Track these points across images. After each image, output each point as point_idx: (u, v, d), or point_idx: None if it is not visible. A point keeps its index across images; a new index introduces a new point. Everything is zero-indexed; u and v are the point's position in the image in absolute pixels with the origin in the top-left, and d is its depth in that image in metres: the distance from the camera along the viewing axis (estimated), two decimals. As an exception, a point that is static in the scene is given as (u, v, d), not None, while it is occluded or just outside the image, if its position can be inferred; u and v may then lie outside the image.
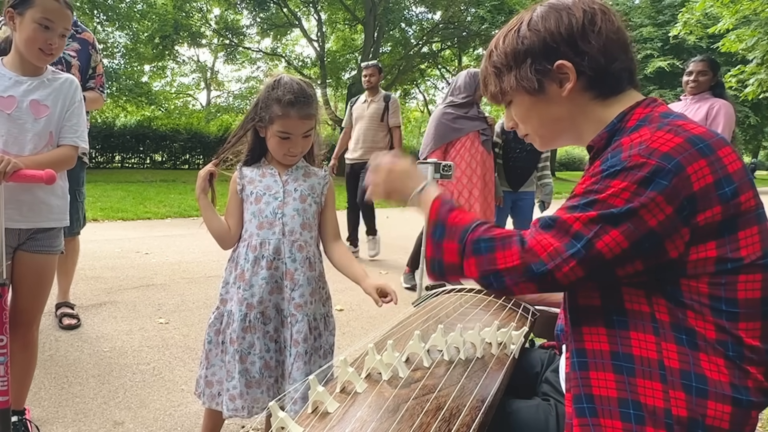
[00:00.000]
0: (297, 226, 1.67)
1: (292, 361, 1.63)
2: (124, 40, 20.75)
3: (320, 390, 0.99)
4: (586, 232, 0.89)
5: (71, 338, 2.95)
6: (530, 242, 0.93)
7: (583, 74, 1.00)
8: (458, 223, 1.03)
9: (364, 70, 5.38)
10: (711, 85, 3.88)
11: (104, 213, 7.46)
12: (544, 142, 1.13)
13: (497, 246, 0.95)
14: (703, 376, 0.89)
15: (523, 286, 0.93)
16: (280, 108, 1.59)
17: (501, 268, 0.94)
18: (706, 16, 9.47)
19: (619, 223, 0.88)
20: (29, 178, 1.62)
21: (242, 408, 1.62)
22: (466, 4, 20.28)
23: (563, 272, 0.89)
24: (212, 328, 1.70)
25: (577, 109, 1.04)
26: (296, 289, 1.65)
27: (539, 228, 0.94)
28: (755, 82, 8.88)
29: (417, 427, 0.93)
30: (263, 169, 1.72)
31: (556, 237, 0.91)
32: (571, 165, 36.15)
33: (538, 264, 0.91)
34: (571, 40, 0.99)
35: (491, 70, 1.09)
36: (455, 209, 1.06)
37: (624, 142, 0.93)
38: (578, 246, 0.89)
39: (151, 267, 4.64)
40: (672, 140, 0.88)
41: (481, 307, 1.60)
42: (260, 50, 25.22)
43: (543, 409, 1.14)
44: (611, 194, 0.88)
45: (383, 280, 1.67)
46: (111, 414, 2.20)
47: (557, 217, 0.93)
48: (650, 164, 0.87)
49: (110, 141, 17.74)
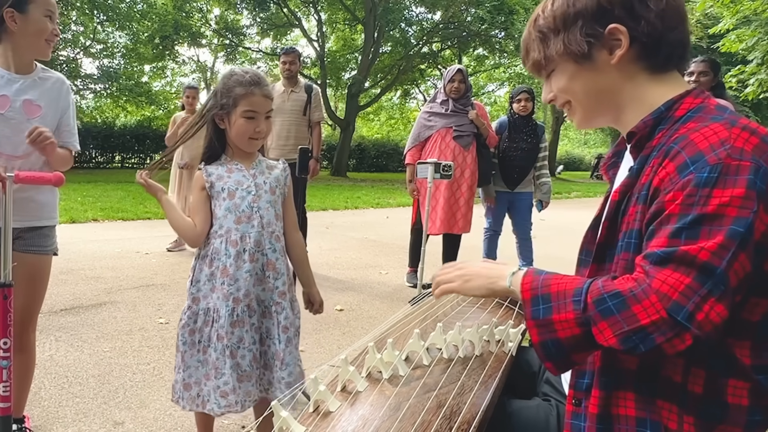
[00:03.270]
0: (272, 218, 1.72)
1: (283, 347, 1.68)
2: (124, 40, 20.76)
3: (322, 389, 0.99)
4: (717, 262, 0.76)
5: (71, 338, 2.95)
6: (654, 284, 0.78)
7: (637, 41, 0.93)
8: (566, 289, 0.86)
9: (283, 56, 4.70)
10: (712, 86, 3.88)
11: (104, 213, 7.46)
12: (584, 117, 1.03)
13: (629, 299, 0.79)
14: (725, 402, 0.86)
15: (678, 341, 0.77)
16: (244, 88, 1.63)
17: (646, 323, 0.77)
18: (706, 16, 9.48)
19: (747, 244, 0.77)
20: (38, 179, 1.61)
21: (236, 403, 1.63)
22: (466, 5, 20.28)
23: (705, 313, 0.75)
24: (185, 329, 1.68)
25: (624, 80, 0.96)
26: (279, 278, 1.71)
27: (654, 265, 0.80)
28: (755, 82, 8.88)
29: (419, 425, 0.93)
30: (228, 165, 1.73)
31: (680, 271, 0.77)
32: (571, 165, 36.18)
33: (674, 307, 0.76)
34: (627, 2, 0.92)
35: (536, 35, 1.01)
36: (553, 275, 0.90)
37: (695, 140, 0.83)
38: (713, 280, 0.76)
39: (151, 267, 4.64)
40: (750, 139, 0.81)
41: (479, 306, 1.60)
42: (260, 50, 25.23)
43: (543, 409, 1.13)
44: (721, 204, 0.77)
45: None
46: (111, 414, 2.20)
47: (671, 249, 0.79)
48: (746, 166, 0.78)
49: (110, 141, 17.75)
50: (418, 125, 4.31)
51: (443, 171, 3.67)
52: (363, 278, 4.69)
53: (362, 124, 32.33)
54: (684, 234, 0.78)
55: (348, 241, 6.49)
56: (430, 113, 4.26)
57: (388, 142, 25.64)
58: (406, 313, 1.58)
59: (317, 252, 5.55)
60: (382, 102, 28.16)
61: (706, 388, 0.85)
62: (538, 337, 0.87)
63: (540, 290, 0.88)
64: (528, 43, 1.04)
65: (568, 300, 0.85)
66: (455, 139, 4.14)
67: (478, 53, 24.70)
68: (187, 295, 1.71)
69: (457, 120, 4.16)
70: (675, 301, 0.76)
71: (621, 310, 0.79)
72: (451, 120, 4.16)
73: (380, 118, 33.09)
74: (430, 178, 3.66)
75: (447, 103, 4.20)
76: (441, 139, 4.17)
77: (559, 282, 0.88)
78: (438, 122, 4.18)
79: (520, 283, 0.92)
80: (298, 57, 4.76)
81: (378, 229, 7.63)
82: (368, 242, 6.52)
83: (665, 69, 0.96)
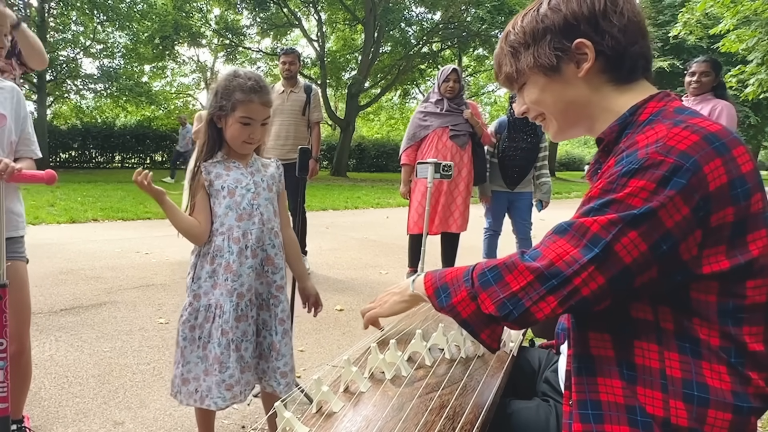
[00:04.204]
0: (271, 215, 1.76)
1: (279, 338, 1.75)
2: (124, 40, 20.77)
3: (325, 390, 0.99)
4: (604, 234, 0.85)
5: (71, 338, 2.94)
6: (543, 251, 0.89)
7: (602, 55, 0.98)
8: (458, 274, 0.99)
9: (283, 56, 4.69)
10: (713, 86, 3.87)
11: (104, 213, 7.46)
12: (559, 129, 1.09)
13: (503, 271, 0.91)
14: (704, 384, 0.88)
15: (543, 304, 0.88)
16: (244, 94, 1.65)
17: (515, 289, 0.89)
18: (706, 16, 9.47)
19: (639, 225, 0.84)
20: (30, 178, 1.60)
21: (240, 393, 1.68)
22: (466, 5, 20.30)
23: (582, 278, 0.85)
24: (186, 325, 1.70)
25: (591, 92, 1.02)
26: (277, 273, 1.76)
27: (553, 234, 0.91)
28: (755, 82, 8.88)
29: (422, 425, 0.92)
30: (226, 163, 1.74)
31: (572, 242, 0.87)
32: (571, 165, 36.20)
33: (553, 271, 0.86)
34: (592, 19, 0.97)
35: (507, 50, 1.07)
36: (448, 269, 1.03)
37: (639, 140, 0.90)
38: (596, 250, 0.85)
39: (151, 267, 4.64)
40: (688, 138, 0.86)
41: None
42: (260, 50, 25.24)
43: (543, 409, 1.13)
44: (629, 194, 0.85)
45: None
46: (111, 414, 2.19)
47: (573, 221, 0.89)
48: (668, 162, 0.84)
49: (110, 141, 17.77)
50: (413, 125, 4.30)
51: (443, 171, 3.67)
52: (363, 278, 4.69)
53: (362, 124, 32.36)
54: (592, 212, 0.88)
55: (348, 241, 6.49)
56: (425, 113, 4.25)
57: (388, 142, 25.66)
58: (407, 313, 1.58)
59: (317, 252, 5.54)
60: (382, 102, 28.17)
61: (683, 371, 0.88)
62: (455, 319, 0.99)
63: (438, 282, 1.02)
64: (500, 58, 1.10)
65: (460, 282, 0.97)
66: (452, 139, 4.16)
67: (478, 53, 24.71)
68: (187, 292, 1.73)
69: (452, 119, 4.17)
70: (556, 266, 0.86)
71: (497, 280, 0.91)
72: (446, 119, 4.17)
73: (380, 118, 33.12)
74: (430, 178, 3.66)
75: (442, 103, 4.20)
76: (438, 139, 4.17)
77: (453, 271, 1.01)
78: (434, 122, 4.18)
79: (422, 284, 1.06)
80: (297, 57, 4.75)
81: (378, 229, 7.63)
82: (368, 242, 6.52)
83: (630, 80, 1.01)
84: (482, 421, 0.97)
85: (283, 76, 4.69)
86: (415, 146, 4.25)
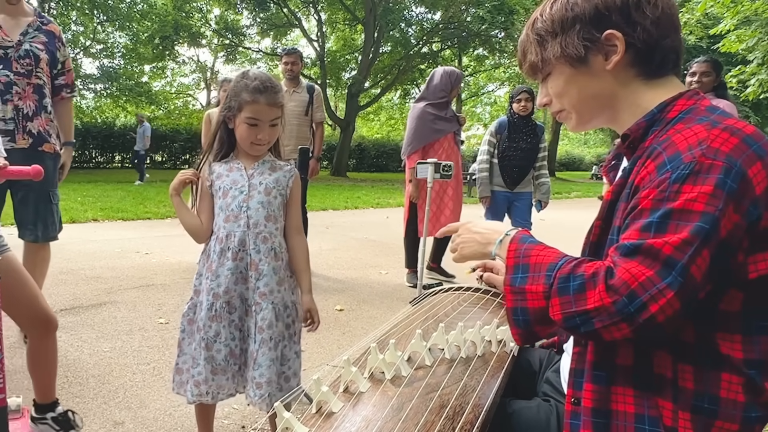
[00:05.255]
0: (261, 219, 1.71)
1: (257, 348, 1.68)
2: (124, 41, 20.78)
3: (324, 390, 0.99)
4: (679, 256, 0.79)
5: (71, 338, 2.94)
6: (618, 273, 0.82)
7: (632, 47, 0.95)
8: (543, 262, 0.91)
9: (285, 56, 4.66)
10: (714, 86, 3.87)
11: (104, 213, 7.45)
12: (579, 121, 1.05)
13: (587, 283, 0.84)
14: (716, 397, 0.86)
15: (615, 329, 0.81)
16: (249, 94, 1.65)
17: (590, 308, 0.82)
18: (706, 16, 9.47)
19: (710, 240, 0.79)
20: (16, 173, 1.59)
21: (206, 393, 1.68)
22: (466, 5, 20.30)
23: (660, 305, 0.79)
24: (185, 318, 1.76)
25: (619, 86, 0.98)
26: (261, 279, 1.70)
27: (622, 256, 0.83)
28: (756, 82, 8.88)
29: (422, 425, 0.92)
30: (230, 163, 1.75)
31: (644, 264, 0.81)
32: (571, 165, 36.18)
33: (629, 296, 0.80)
34: (624, 9, 0.94)
35: (533, 38, 1.03)
36: (535, 246, 0.95)
37: (677, 141, 0.86)
38: (673, 274, 0.79)
39: (151, 267, 4.64)
40: (730, 140, 0.82)
41: (480, 306, 1.60)
42: (260, 50, 25.24)
43: (544, 409, 1.13)
44: (687, 200, 0.80)
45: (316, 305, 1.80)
46: (111, 414, 2.19)
47: (639, 242, 0.82)
48: (718, 165, 0.80)
49: (110, 141, 17.76)
50: (423, 126, 4.27)
51: (443, 171, 3.68)
52: (363, 278, 4.69)
53: (362, 124, 32.36)
54: (653, 228, 0.82)
55: (348, 241, 6.49)
56: (436, 117, 4.27)
57: (388, 142, 25.67)
58: (407, 313, 1.58)
59: (317, 252, 5.54)
60: (382, 102, 28.19)
61: (696, 383, 0.87)
62: (512, 303, 0.93)
63: (521, 259, 0.94)
64: (525, 45, 1.05)
65: (541, 273, 0.90)
66: (456, 144, 4.38)
67: (478, 53, 24.71)
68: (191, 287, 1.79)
69: (454, 125, 4.36)
70: (633, 290, 0.80)
71: (576, 291, 0.84)
72: (452, 125, 4.34)
73: (380, 118, 33.13)
74: (430, 178, 3.66)
75: (446, 108, 4.31)
76: (449, 145, 4.31)
77: (539, 254, 0.93)
78: (444, 126, 4.29)
79: (506, 248, 0.99)
80: (299, 57, 4.74)
81: (378, 229, 7.63)
82: (368, 242, 6.52)
83: (659, 74, 0.98)
84: (482, 421, 0.97)
85: (286, 76, 4.69)
86: (424, 148, 4.28)
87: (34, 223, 2.74)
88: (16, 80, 2.61)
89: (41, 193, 2.71)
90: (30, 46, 2.65)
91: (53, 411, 1.92)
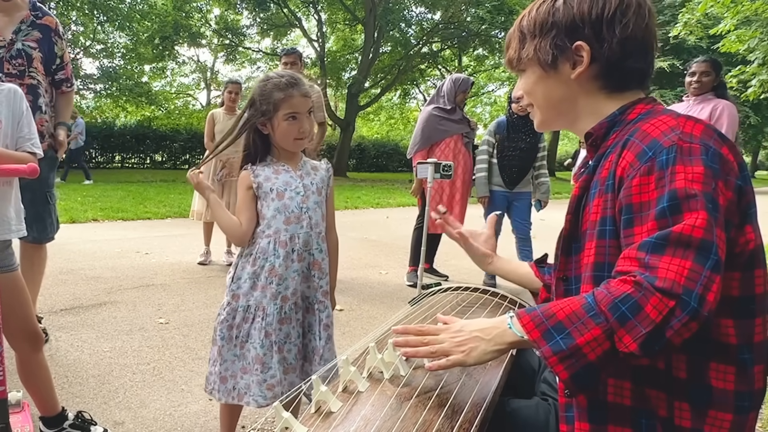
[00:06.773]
0: (319, 219, 1.76)
1: (323, 344, 1.75)
2: (124, 41, 20.77)
3: (323, 390, 0.99)
4: (710, 237, 0.78)
5: (71, 338, 2.94)
6: (660, 274, 0.77)
7: (597, 62, 0.99)
8: (574, 310, 0.83)
9: (284, 57, 4.58)
10: (714, 86, 3.87)
11: (104, 213, 7.45)
12: (542, 121, 1.11)
13: (640, 300, 0.77)
14: (708, 386, 0.88)
15: (684, 330, 0.76)
16: (281, 92, 1.66)
17: (658, 321, 0.76)
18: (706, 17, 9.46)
19: (719, 217, 0.81)
20: (11, 171, 1.58)
21: (281, 393, 1.68)
22: (466, 5, 20.28)
23: (713, 292, 0.76)
24: (224, 324, 1.72)
25: (582, 94, 1.03)
26: (323, 278, 1.76)
27: (651, 253, 0.79)
28: (757, 82, 8.88)
29: (420, 424, 0.92)
30: (275, 166, 1.75)
31: (678, 255, 0.78)
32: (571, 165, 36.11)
33: (686, 293, 0.76)
34: (597, 24, 0.97)
35: (517, 34, 1.08)
36: (548, 306, 0.87)
37: (647, 129, 0.90)
38: (711, 257, 0.77)
39: (151, 267, 4.64)
40: (697, 126, 0.87)
41: (479, 305, 1.60)
42: (260, 50, 25.24)
43: (543, 408, 1.13)
44: (686, 179, 0.81)
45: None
46: (111, 414, 2.19)
47: (664, 233, 0.79)
48: (696, 148, 0.84)
49: (110, 141, 17.74)
50: (429, 126, 4.38)
51: (443, 171, 3.68)
52: (363, 278, 4.69)
53: (362, 124, 32.34)
54: (668, 212, 0.81)
55: (348, 241, 6.49)
56: (443, 118, 4.38)
57: (388, 142, 25.65)
58: (406, 313, 1.58)
59: (317, 252, 5.54)
60: (382, 102, 28.15)
61: (689, 372, 0.88)
62: (568, 370, 0.81)
63: (548, 323, 0.84)
64: (511, 38, 1.10)
65: (584, 318, 0.81)
66: (465, 146, 4.45)
67: (478, 53, 24.69)
68: (226, 291, 1.75)
69: (464, 127, 4.44)
70: (684, 286, 0.76)
71: (635, 311, 0.77)
72: (461, 127, 4.42)
73: (380, 118, 33.10)
74: (430, 178, 3.67)
75: (455, 111, 4.41)
76: (454, 144, 4.39)
77: (560, 308, 0.84)
78: (451, 127, 4.38)
79: (521, 328, 0.88)
80: (299, 57, 4.73)
81: (378, 229, 7.63)
82: (368, 242, 6.52)
83: (621, 90, 1.02)
84: (481, 420, 0.97)
85: None
86: (428, 147, 4.39)
87: (31, 224, 2.73)
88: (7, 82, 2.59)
89: (39, 194, 2.70)
90: (23, 45, 2.59)
91: (67, 419, 1.93)
